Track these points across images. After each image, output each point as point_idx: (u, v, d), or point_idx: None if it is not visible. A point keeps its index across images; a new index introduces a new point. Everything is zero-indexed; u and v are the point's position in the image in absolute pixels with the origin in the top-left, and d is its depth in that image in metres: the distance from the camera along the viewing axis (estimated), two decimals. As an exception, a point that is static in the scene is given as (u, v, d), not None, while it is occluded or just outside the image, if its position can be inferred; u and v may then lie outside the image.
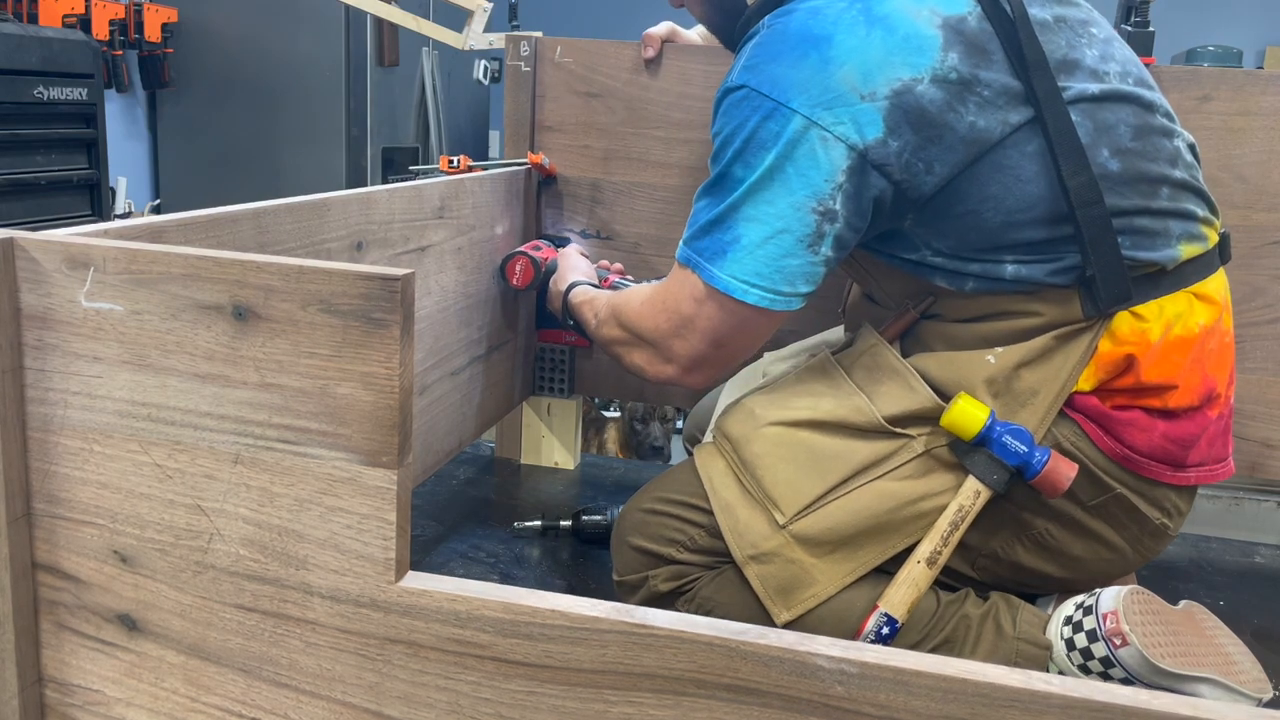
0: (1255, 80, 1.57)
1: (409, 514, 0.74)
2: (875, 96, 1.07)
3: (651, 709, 0.69)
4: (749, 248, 1.12)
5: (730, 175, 1.13)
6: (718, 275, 1.14)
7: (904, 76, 1.07)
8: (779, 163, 1.10)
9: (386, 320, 0.68)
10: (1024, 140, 1.10)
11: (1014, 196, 1.11)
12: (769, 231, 1.11)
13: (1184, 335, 1.14)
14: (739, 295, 1.13)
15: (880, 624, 1.13)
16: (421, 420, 1.44)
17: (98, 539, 0.79)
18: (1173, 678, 1.10)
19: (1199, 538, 1.77)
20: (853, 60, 1.08)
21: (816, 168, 1.09)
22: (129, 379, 0.75)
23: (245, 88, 3.72)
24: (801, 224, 1.10)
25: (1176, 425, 1.16)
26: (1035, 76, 1.09)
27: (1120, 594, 1.13)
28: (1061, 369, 1.14)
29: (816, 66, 1.08)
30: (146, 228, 0.90)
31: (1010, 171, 1.10)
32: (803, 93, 1.08)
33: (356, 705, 0.76)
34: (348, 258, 1.21)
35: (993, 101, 1.09)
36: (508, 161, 1.76)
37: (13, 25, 2.74)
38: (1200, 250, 1.17)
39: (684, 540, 1.23)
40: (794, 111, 1.08)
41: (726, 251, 1.13)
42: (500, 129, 1.99)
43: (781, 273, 1.12)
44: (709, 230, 1.15)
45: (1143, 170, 1.13)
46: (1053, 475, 1.11)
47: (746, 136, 1.11)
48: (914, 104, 1.07)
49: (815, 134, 1.08)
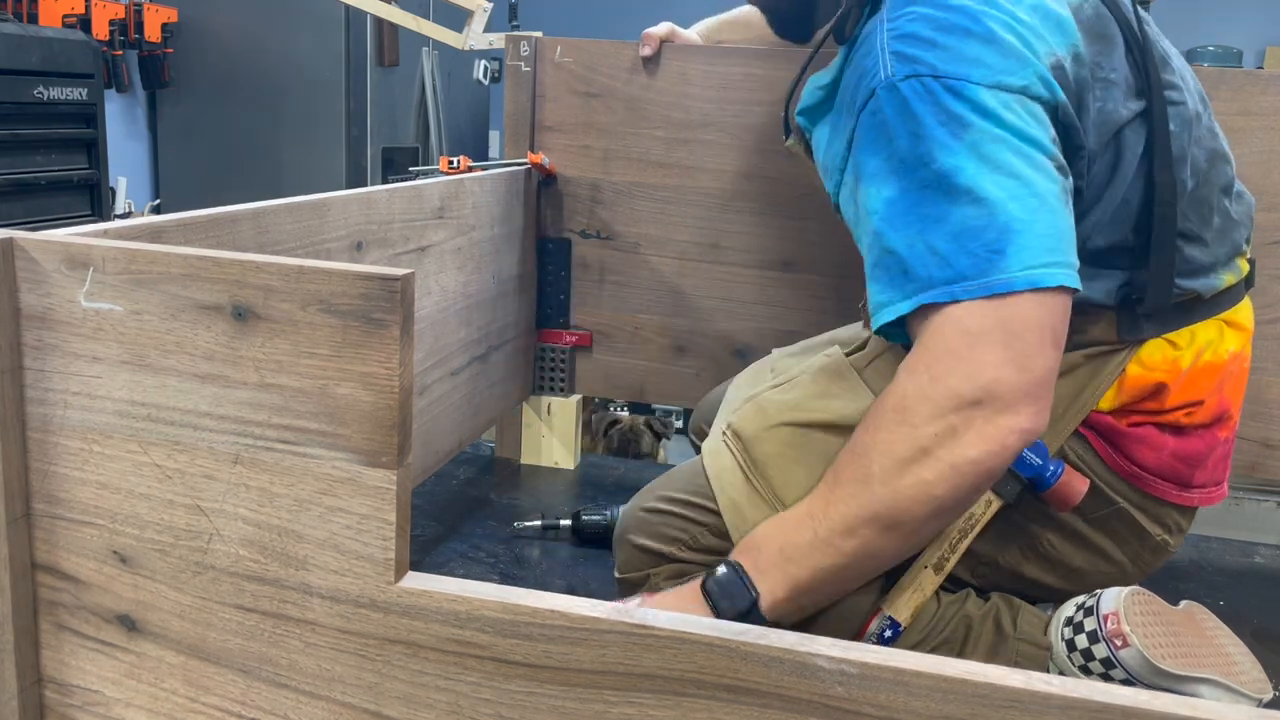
0: (1255, 80, 1.57)
1: (409, 514, 0.73)
2: (1043, 61, 1.00)
3: (651, 709, 0.69)
4: (1024, 227, 0.92)
5: (942, 170, 0.95)
6: (1013, 276, 0.91)
7: (1056, 51, 1.01)
8: (994, 132, 0.95)
9: (386, 320, 0.68)
10: (1133, 134, 1.05)
11: (1107, 192, 1.05)
12: (1033, 201, 0.93)
13: (1213, 362, 1.13)
14: (1048, 282, 0.92)
15: (883, 626, 1.13)
16: (421, 420, 1.44)
17: (97, 539, 0.79)
18: (1173, 679, 1.10)
19: (1199, 538, 1.77)
20: (1012, 34, 0.99)
21: (1029, 125, 0.96)
22: (129, 379, 0.75)
23: (245, 88, 3.72)
24: (1050, 181, 0.96)
25: (1186, 443, 1.15)
26: (1150, 66, 1.05)
27: (1121, 595, 1.13)
28: (1085, 388, 1.12)
29: (982, 39, 0.98)
30: (146, 228, 0.90)
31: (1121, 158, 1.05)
32: (979, 65, 0.97)
33: (356, 706, 0.76)
34: (348, 258, 1.21)
35: (1117, 84, 1.04)
36: (508, 161, 1.76)
37: (13, 25, 2.74)
38: (1235, 279, 1.16)
39: (687, 539, 1.23)
40: (979, 84, 0.96)
41: (1004, 246, 0.92)
42: (500, 129, 1.99)
43: (1063, 239, 0.95)
44: (957, 243, 0.93)
45: (1206, 196, 1.11)
46: (1065, 490, 1.11)
47: (942, 123, 0.96)
48: (1064, 78, 1.01)
49: (1010, 98, 0.96)
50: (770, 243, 1.75)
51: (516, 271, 1.77)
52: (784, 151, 1.72)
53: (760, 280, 1.77)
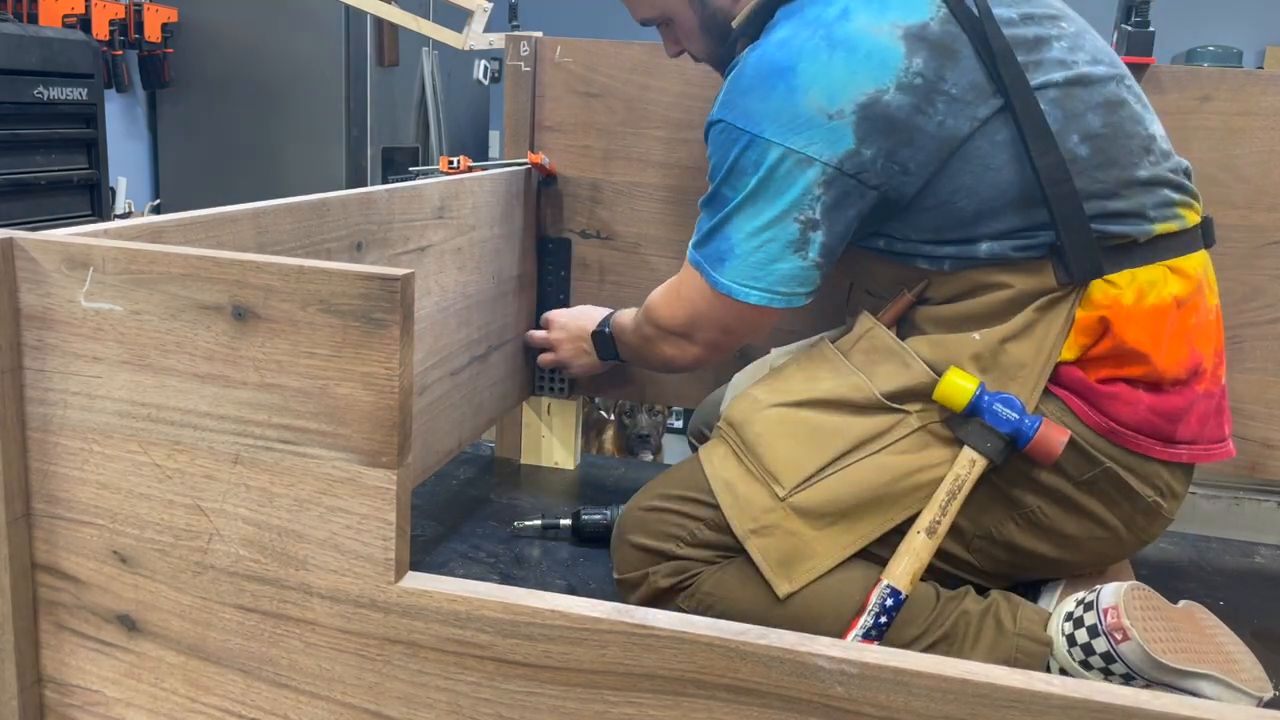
0: (1255, 80, 1.57)
1: (409, 514, 0.73)
2: (842, 114, 1.16)
3: (651, 709, 0.69)
4: (743, 255, 1.23)
5: (721, 195, 1.25)
6: (720, 280, 1.26)
7: (869, 90, 1.15)
8: (760, 185, 1.20)
9: (386, 320, 0.68)
10: (993, 130, 1.16)
11: (985, 184, 1.17)
12: (758, 241, 1.22)
13: (1157, 304, 1.18)
14: (740, 296, 1.25)
15: (884, 595, 1.14)
16: (421, 420, 1.44)
17: (97, 539, 0.79)
18: (1174, 673, 1.10)
19: (1199, 538, 1.77)
20: (817, 85, 1.16)
21: (793, 185, 1.18)
22: (128, 379, 0.75)
23: (245, 88, 3.72)
24: (785, 232, 1.20)
25: (1163, 399, 1.18)
26: (1002, 66, 1.15)
27: (1121, 589, 1.13)
28: (1044, 339, 1.18)
29: (784, 96, 1.17)
30: (146, 228, 0.90)
31: (979, 161, 1.17)
32: (774, 122, 1.18)
33: (356, 706, 0.76)
34: (348, 258, 1.21)
35: (961, 98, 1.16)
36: (508, 161, 1.76)
37: (13, 25, 2.74)
38: (1176, 228, 1.21)
39: (684, 535, 1.24)
40: (769, 141, 1.18)
41: (725, 259, 1.25)
42: (500, 129, 1.99)
43: (774, 275, 1.23)
44: (709, 239, 1.27)
45: (1113, 155, 1.18)
46: (1045, 441, 1.13)
47: (730, 165, 1.22)
48: (881, 113, 1.15)
49: (790, 158, 1.17)
50: (770, 243, 1.75)
51: (516, 271, 1.77)
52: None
53: (760, 280, 1.77)
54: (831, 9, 1.20)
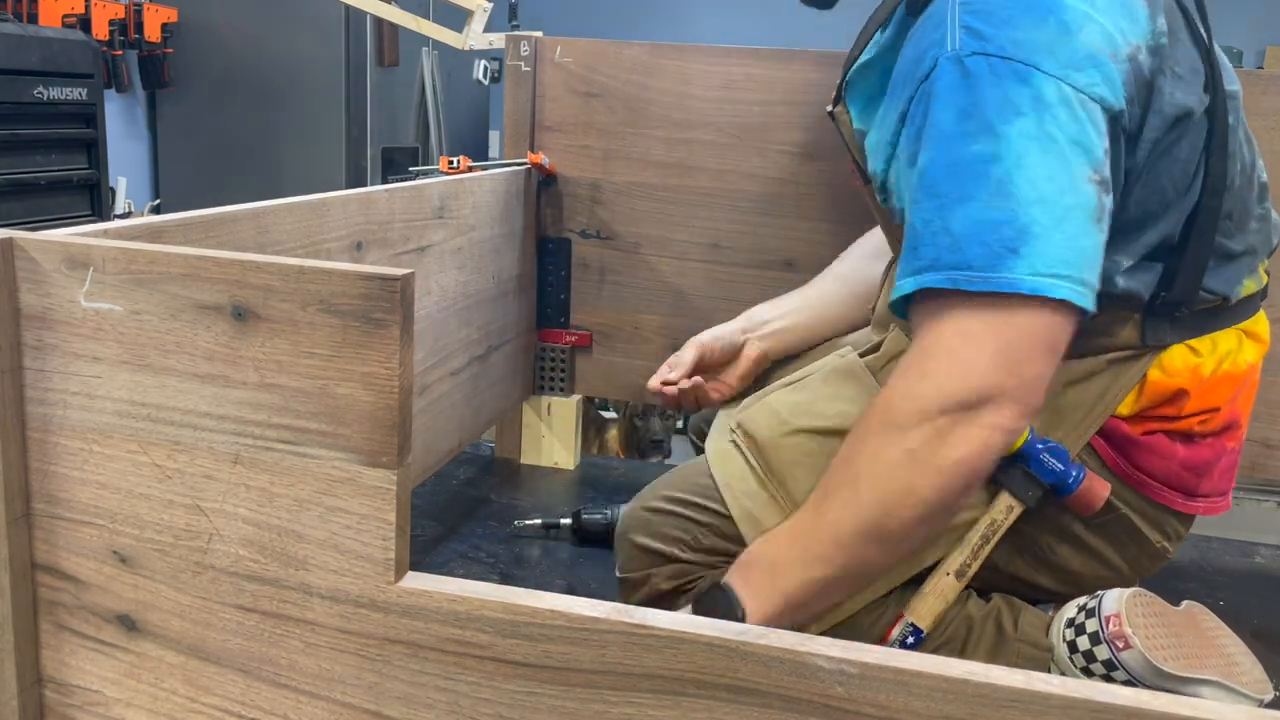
0: (1255, 80, 1.57)
1: (409, 514, 0.73)
2: (1118, 58, 0.96)
3: (651, 709, 0.69)
4: (1044, 233, 0.89)
5: (984, 151, 0.91)
6: (1019, 278, 0.89)
7: (1133, 41, 0.98)
8: (1046, 130, 0.92)
9: (386, 320, 0.68)
10: (1197, 126, 1.02)
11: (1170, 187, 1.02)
12: (1060, 209, 0.90)
13: (1231, 371, 1.12)
14: (1048, 292, 0.89)
15: (905, 632, 1.13)
16: (421, 420, 1.44)
17: (97, 539, 0.79)
18: (1175, 680, 1.10)
19: (1199, 538, 1.77)
20: (1091, 23, 0.95)
21: (1085, 133, 0.93)
22: (128, 379, 0.75)
23: (245, 88, 3.72)
24: (1087, 196, 0.92)
25: (1195, 451, 1.14)
26: (1214, 61, 1.03)
27: (1123, 596, 1.13)
28: (1106, 393, 1.11)
29: (1058, 29, 0.94)
30: (146, 228, 0.90)
31: (1172, 157, 1.02)
32: (1050, 55, 0.93)
33: (356, 706, 0.76)
34: (348, 258, 1.21)
35: (1184, 78, 1.01)
36: (508, 161, 1.76)
37: (13, 25, 2.74)
38: (1256, 287, 1.15)
39: (688, 539, 1.23)
40: (1047, 75, 0.92)
41: (1018, 246, 0.89)
42: (500, 129, 1.98)
43: (1083, 257, 0.92)
44: (978, 229, 0.90)
45: (1245, 196, 1.10)
46: (1087, 495, 1.11)
47: (999, 102, 0.92)
48: (1140, 71, 0.98)
49: (1076, 98, 0.93)
50: (770, 243, 1.75)
51: (516, 271, 1.77)
52: (783, 151, 1.72)
53: (760, 280, 1.77)
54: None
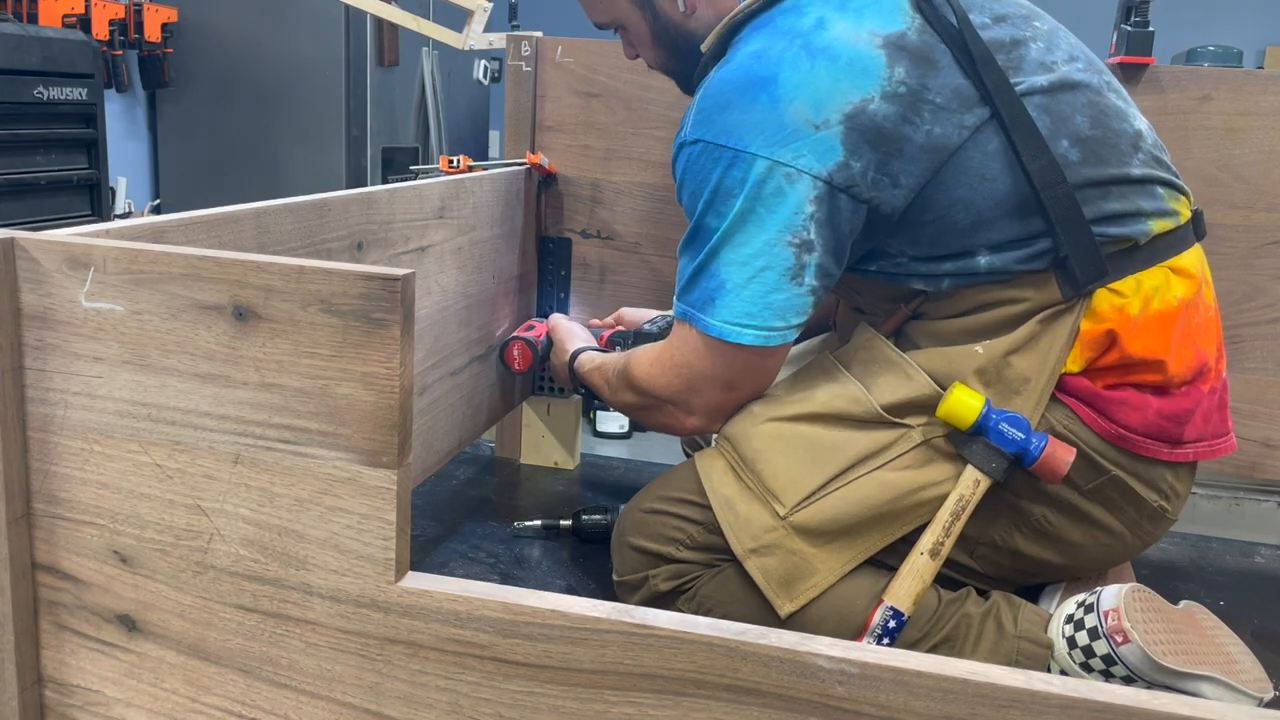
0: (1255, 80, 1.57)
1: (409, 514, 0.74)
2: (829, 124, 1.11)
3: (651, 709, 0.69)
4: (734, 290, 1.15)
5: (704, 226, 1.17)
6: (711, 323, 1.17)
7: (854, 99, 1.11)
8: (748, 205, 1.13)
9: (386, 320, 0.68)
10: (984, 140, 1.13)
11: (981, 196, 1.13)
12: (750, 271, 1.14)
13: (1163, 309, 1.16)
14: (734, 338, 1.16)
15: (886, 617, 1.14)
16: (421, 420, 1.44)
17: (98, 539, 0.79)
18: (1174, 675, 1.10)
19: (1199, 538, 1.77)
20: (801, 94, 1.11)
21: (784, 202, 1.12)
22: (129, 379, 0.75)
23: (245, 88, 3.72)
24: (781, 258, 1.13)
25: (1170, 401, 1.17)
26: (985, 73, 1.13)
27: (1121, 591, 1.13)
28: (1049, 352, 1.15)
29: (767, 107, 1.12)
30: (148, 228, 0.90)
31: (974, 172, 1.13)
32: (758, 135, 1.12)
33: (356, 706, 0.76)
34: (348, 258, 1.21)
35: (946, 107, 1.12)
36: (508, 161, 1.76)
37: (13, 25, 2.74)
38: (1172, 225, 1.19)
39: (683, 539, 1.23)
40: (754, 155, 1.12)
41: (715, 298, 1.16)
42: (500, 129, 1.98)
43: (771, 309, 1.15)
44: (695, 281, 1.18)
45: (1103, 155, 1.16)
46: (1051, 460, 1.12)
47: (714, 188, 1.14)
48: (868, 123, 1.11)
49: (779, 172, 1.11)
50: (770, 243, 1.75)
51: (516, 271, 1.77)
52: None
53: (760, 280, 1.77)
54: (806, 18, 1.15)
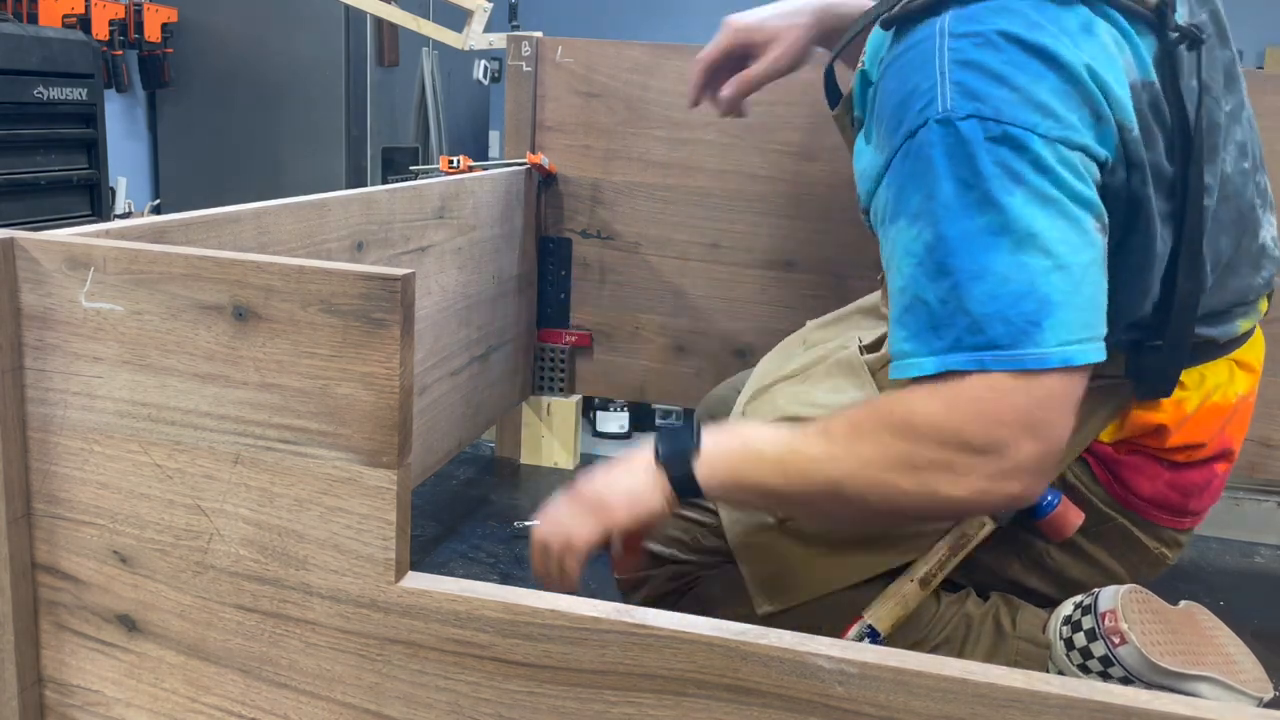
0: (1255, 80, 1.57)
1: (409, 514, 0.74)
2: (1102, 119, 0.92)
3: (651, 709, 0.69)
4: (1065, 299, 0.87)
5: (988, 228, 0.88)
6: (1047, 353, 0.86)
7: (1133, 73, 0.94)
8: (1047, 192, 0.88)
9: (386, 320, 0.68)
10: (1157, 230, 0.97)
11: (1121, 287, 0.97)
12: (1078, 271, 0.88)
13: (1220, 404, 1.10)
14: (1078, 360, 0.87)
15: (862, 633, 1.13)
16: (421, 420, 1.44)
17: (97, 539, 0.79)
18: (1172, 676, 1.10)
19: (1199, 538, 1.77)
20: (1089, 72, 0.91)
21: (1083, 185, 0.90)
22: (129, 379, 0.75)
23: (245, 88, 3.72)
24: (1098, 246, 0.91)
25: (1183, 475, 1.13)
26: (1192, 171, 0.97)
27: (1119, 592, 1.13)
28: (1087, 421, 1.07)
29: (1055, 86, 0.90)
30: (149, 228, 0.90)
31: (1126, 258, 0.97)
32: (1047, 116, 0.89)
33: (356, 706, 0.76)
34: (348, 258, 1.21)
35: (1148, 181, 0.95)
36: (508, 161, 1.76)
37: (13, 25, 2.74)
38: (1252, 325, 1.12)
39: (687, 540, 1.23)
40: (1044, 138, 0.89)
41: (1041, 319, 0.86)
42: (500, 129, 1.99)
43: (1099, 312, 0.91)
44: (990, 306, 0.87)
45: (1229, 282, 1.06)
46: (1059, 520, 1.10)
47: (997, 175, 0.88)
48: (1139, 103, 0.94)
49: (1072, 155, 0.90)
50: (770, 243, 1.75)
51: (516, 271, 1.77)
52: (783, 151, 1.72)
53: (760, 280, 1.77)
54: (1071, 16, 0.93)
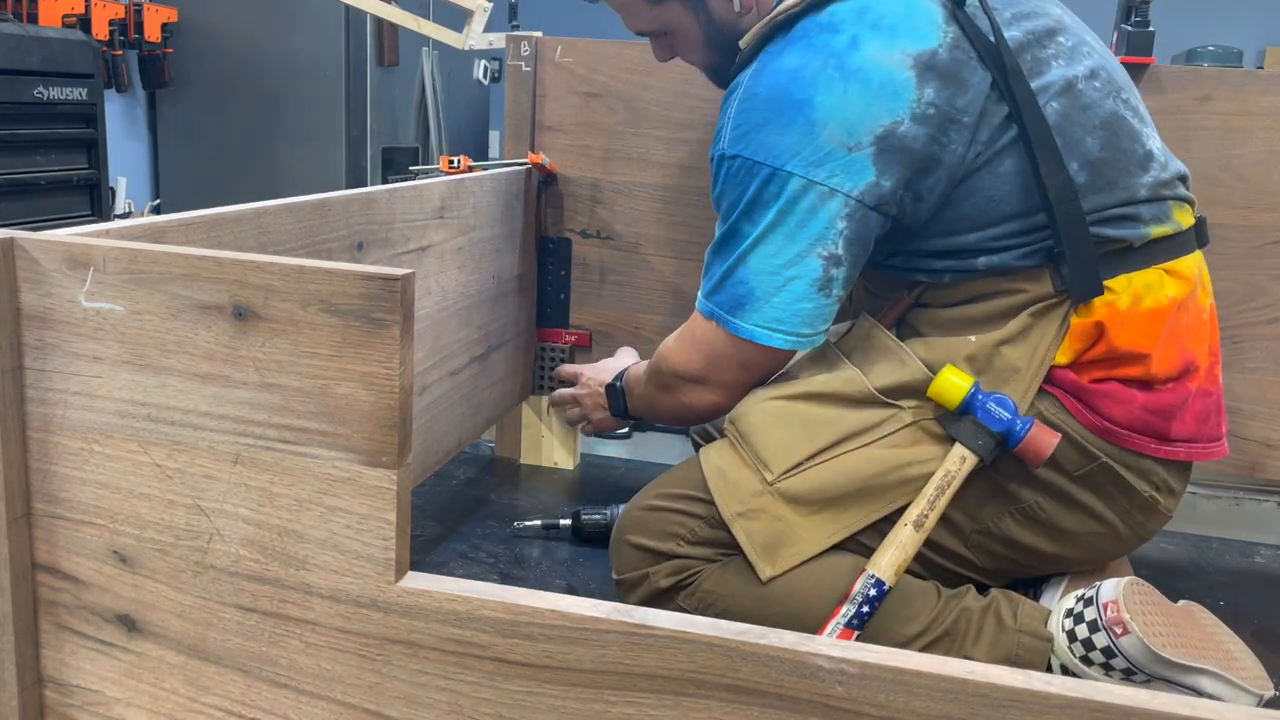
0: (1255, 80, 1.57)
1: (409, 514, 0.74)
2: (861, 146, 1.15)
3: (651, 709, 0.69)
4: (764, 297, 1.21)
5: (737, 231, 1.22)
6: (742, 326, 1.23)
7: (885, 121, 1.15)
8: (780, 218, 1.18)
9: (386, 320, 0.68)
10: (1003, 158, 1.17)
11: (989, 213, 1.18)
12: (780, 280, 1.20)
13: (1154, 307, 1.19)
14: (764, 341, 1.22)
15: (868, 586, 1.15)
16: (421, 420, 1.44)
17: (97, 539, 0.79)
18: (1174, 667, 1.10)
19: (1199, 538, 1.77)
20: (835, 118, 1.16)
21: (817, 219, 1.17)
22: (129, 379, 0.75)
23: (245, 88, 3.72)
24: (809, 269, 1.19)
25: (1155, 396, 1.19)
26: (1016, 88, 1.16)
27: (1120, 584, 1.13)
28: (1039, 344, 1.19)
29: (803, 130, 1.16)
30: (148, 228, 0.90)
31: (984, 194, 1.18)
32: (795, 155, 1.17)
33: (356, 706, 0.76)
34: (348, 258, 1.21)
35: (972, 126, 1.16)
36: (508, 161, 1.76)
37: (13, 25, 2.74)
38: (1170, 231, 1.21)
39: (685, 533, 1.24)
40: (790, 174, 1.17)
41: (744, 304, 1.22)
42: (500, 129, 1.99)
43: (799, 315, 1.21)
44: (723, 284, 1.24)
45: (1111, 178, 1.19)
46: (1035, 442, 1.14)
47: (750, 198, 1.20)
48: (898, 144, 1.15)
49: (813, 190, 1.17)
50: (770, 242, 1.75)
51: (516, 271, 1.77)
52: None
53: (760, 280, 1.77)
54: (840, 37, 1.18)
